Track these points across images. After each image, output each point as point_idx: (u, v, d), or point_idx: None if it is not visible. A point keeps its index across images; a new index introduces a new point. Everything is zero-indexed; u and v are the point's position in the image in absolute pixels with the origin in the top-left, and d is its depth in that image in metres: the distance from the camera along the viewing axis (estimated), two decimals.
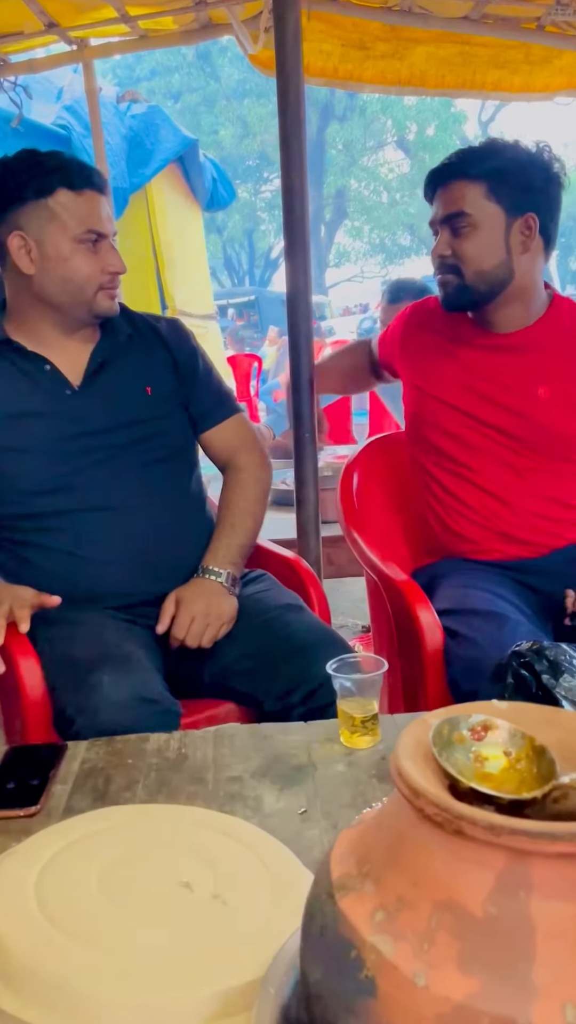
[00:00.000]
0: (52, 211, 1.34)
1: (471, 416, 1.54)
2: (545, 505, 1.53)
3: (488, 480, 1.54)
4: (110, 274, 1.38)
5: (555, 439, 1.52)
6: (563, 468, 1.53)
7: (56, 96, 4.16)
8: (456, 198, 1.45)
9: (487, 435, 1.54)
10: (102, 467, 1.40)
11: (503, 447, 1.53)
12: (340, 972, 0.46)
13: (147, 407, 1.47)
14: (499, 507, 1.54)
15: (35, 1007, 0.58)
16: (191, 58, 18.09)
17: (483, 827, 0.43)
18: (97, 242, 1.37)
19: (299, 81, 1.54)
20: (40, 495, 1.38)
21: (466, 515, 1.56)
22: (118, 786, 0.98)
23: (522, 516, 1.53)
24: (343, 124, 18.85)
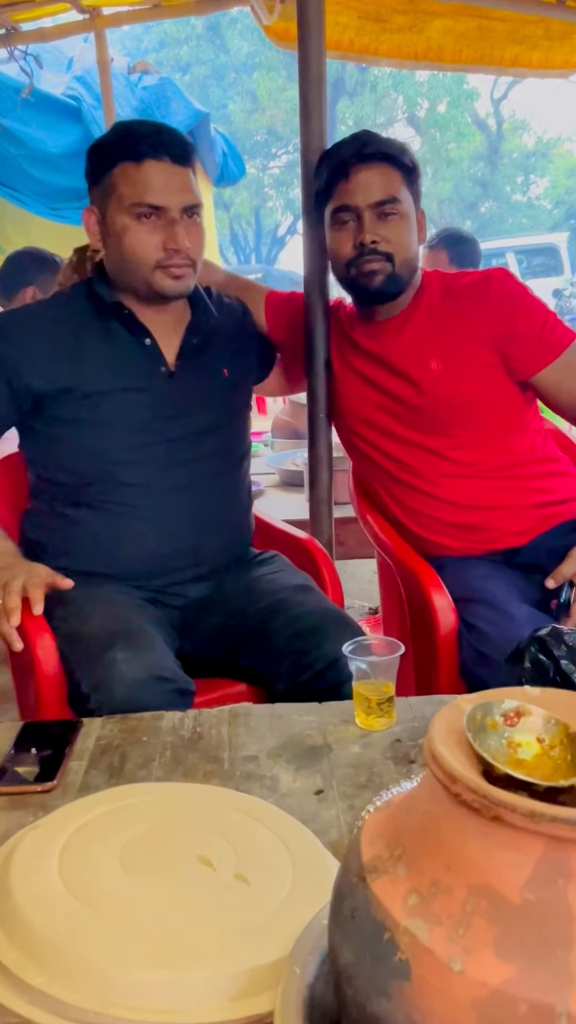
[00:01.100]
0: (112, 184, 1.33)
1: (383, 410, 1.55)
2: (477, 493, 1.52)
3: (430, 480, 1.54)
4: (169, 251, 1.33)
5: (458, 407, 1.50)
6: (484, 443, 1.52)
7: (67, 66, 4.10)
8: (386, 182, 1.43)
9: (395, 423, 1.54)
10: (172, 450, 1.42)
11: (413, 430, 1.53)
12: (373, 955, 0.46)
13: (222, 392, 1.49)
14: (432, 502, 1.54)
15: (60, 982, 0.58)
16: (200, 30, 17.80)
17: (523, 814, 0.42)
18: (154, 216, 1.32)
19: (321, 54, 1.51)
20: (110, 469, 1.39)
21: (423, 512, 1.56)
22: (134, 763, 0.98)
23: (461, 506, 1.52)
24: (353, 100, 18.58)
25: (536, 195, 20.83)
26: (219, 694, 1.37)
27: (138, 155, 1.30)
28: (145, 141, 1.30)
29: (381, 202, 1.42)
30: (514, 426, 1.54)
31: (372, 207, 1.43)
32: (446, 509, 1.53)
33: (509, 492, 1.52)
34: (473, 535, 1.52)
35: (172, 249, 1.33)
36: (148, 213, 1.32)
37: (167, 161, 1.31)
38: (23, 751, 0.99)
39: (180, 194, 1.32)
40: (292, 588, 1.42)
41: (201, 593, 1.46)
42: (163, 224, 1.32)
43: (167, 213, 1.32)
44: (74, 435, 1.38)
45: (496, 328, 1.48)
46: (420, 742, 1.00)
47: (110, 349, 1.40)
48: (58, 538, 1.42)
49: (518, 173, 20.71)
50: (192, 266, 1.36)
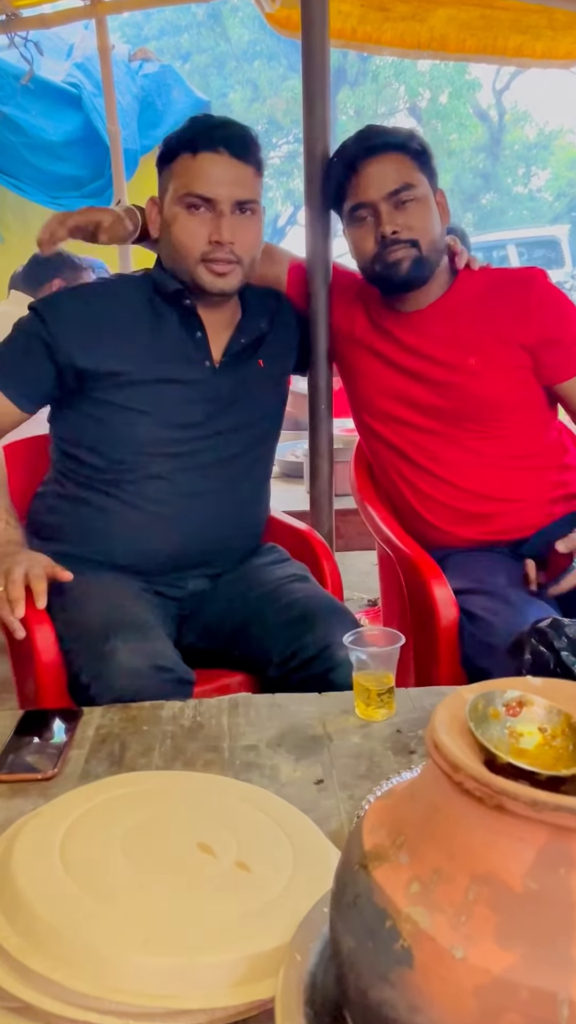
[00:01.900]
0: (171, 174, 1.34)
1: (405, 399, 1.54)
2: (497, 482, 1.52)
3: (448, 466, 1.53)
4: (213, 243, 1.32)
5: (489, 405, 1.50)
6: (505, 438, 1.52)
7: (67, 53, 4.07)
8: (397, 171, 1.41)
9: (423, 415, 1.53)
10: (205, 448, 1.43)
11: (439, 422, 1.52)
12: (375, 942, 0.46)
13: (261, 392, 1.50)
14: (451, 489, 1.53)
15: (63, 967, 0.58)
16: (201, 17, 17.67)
17: (525, 803, 0.42)
18: (205, 207, 1.32)
19: (325, 42, 1.50)
20: (140, 459, 1.39)
21: (425, 502, 1.56)
22: (134, 752, 0.99)
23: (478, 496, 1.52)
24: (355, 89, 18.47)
25: (537, 187, 20.75)
26: (218, 684, 1.37)
27: (196, 146, 1.31)
28: (206, 133, 1.31)
29: (395, 191, 1.40)
30: (537, 422, 1.54)
31: (387, 198, 1.41)
32: (464, 497, 1.52)
33: (527, 484, 1.52)
34: (487, 525, 1.52)
35: (216, 242, 1.32)
36: (198, 204, 1.32)
37: (225, 154, 1.31)
38: (24, 740, 0.99)
39: (232, 187, 1.31)
40: (286, 578, 1.43)
41: (201, 586, 1.46)
42: (212, 217, 1.32)
43: (217, 205, 1.31)
44: (113, 418, 1.38)
45: (535, 332, 1.48)
46: (420, 733, 1.00)
47: (161, 338, 1.40)
48: (70, 522, 1.42)
49: (519, 165, 20.63)
50: (238, 263, 1.35)
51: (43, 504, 1.48)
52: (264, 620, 1.35)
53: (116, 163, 3.35)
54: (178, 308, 1.40)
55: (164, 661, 1.20)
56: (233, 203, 1.32)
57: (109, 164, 3.43)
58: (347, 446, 1.90)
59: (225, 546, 1.47)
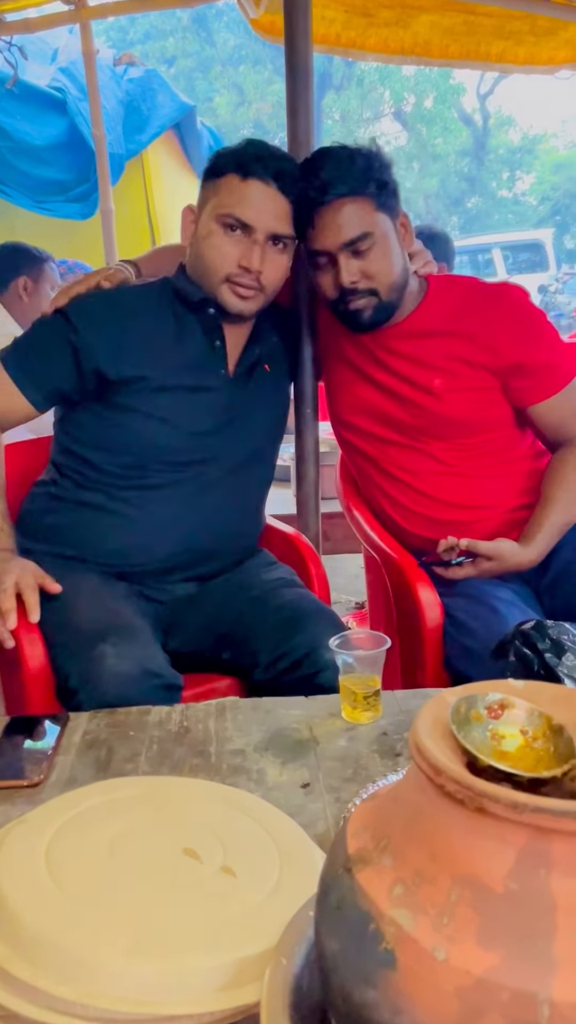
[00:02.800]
0: (215, 189, 1.35)
1: (375, 413, 1.54)
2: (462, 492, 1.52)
3: (417, 475, 1.54)
4: (241, 268, 1.34)
5: (454, 424, 1.50)
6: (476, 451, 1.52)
7: (51, 58, 4.07)
8: (353, 218, 1.35)
9: (392, 429, 1.53)
10: (217, 457, 1.44)
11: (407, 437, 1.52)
12: (358, 945, 0.47)
13: (271, 402, 1.52)
14: (418, 497, 1.54)
15: (47, 975, 0.58)
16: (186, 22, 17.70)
17: (506, 805, 0.43)
18: (241, 231, 1.33)
19: (308, 48, 1.50)
20: (154, 464, 1.40)
21: (398, 510, 1.57)
22: (121, 758, 0.98)
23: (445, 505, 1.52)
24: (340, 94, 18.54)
25: (522, 191, 20.90)
26: (205, 688, 1.37)
27: (248, 171, 1.32)
28: (261, 162, 1.32)
29: (352, 241, 1.36)
30: (506, 436, 1.54)
31: (343, 247, 1.37)
32: (434, 506, 1.53)
33: (495, 493, 1.52)
34: (458, 533, 1.51)
35: (244, 267, 1.34)
36: (235, 226, 1.33)
37: (273, 186, 1.33)
38: (10, 746, 0.99)
39: (273, 219, 1.33)
40: (273, 582, 1.43)
41: (189, 590, 1.46)
42: (246, 242, 1.34)
43: (253, 233, 1.33)
44: (131, 423, 1.39)
45: (503, 358, 1.46)
46: (406, 735, 1.01)
47: (183, 346, 1.41)
48: (67, 523, 1.42)
49: (504, 169, 20.76)
50: (261, 291, 1.37)
51: (37, 503, 1.48)
52: (252, 624, 1.35)
53: (101, 167, 3.35)
54: (201, 317, 1.41)
55: (153, 666, 1.19)
56: (269, 234, 1.34)
57: (94, 168, 3.43)
58: (333, 449, 1.90)
59: (220, 553, 1.47)
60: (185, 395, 1.41)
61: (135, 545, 1.41)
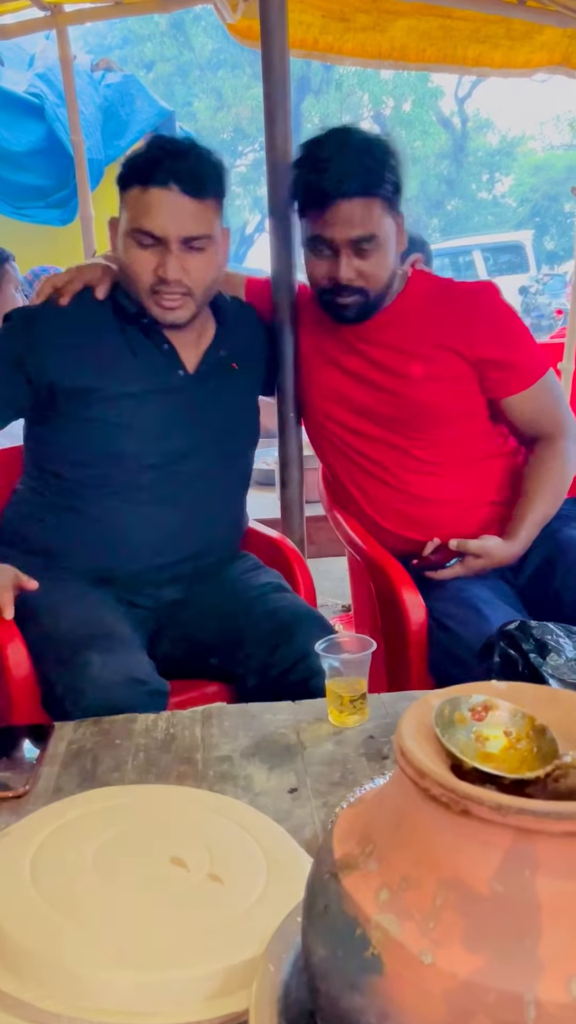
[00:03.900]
0: (124, 202, 1.33)
1: (352, 404, 1.54)
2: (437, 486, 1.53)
3: (390, 471, 1.54)
4: (159, 278, 1.32)
5: (431, 414, 1.51)
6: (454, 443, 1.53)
7: (28, 63, 4.06)
8: (365, 218, 1.35)
9: (369, 420, 1.54)
10: (185, 457, 1.43)
11: (383, 429, 1.53)
12: (345, 950, 0.47)
13: (240, 401, 1.51)
14: (391, 492, 1.55)
15: (34, 988, 0.58)
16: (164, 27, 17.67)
17: (490, 807, 0.43)
18: (154, 242, 1.30)
19: (284, 53, 1.51)
20: (124, 471, 1.39)
21: (373, 505, 1.57)
22: (107, 767, 0.98)
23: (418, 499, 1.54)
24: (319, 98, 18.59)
25: (501, 193, 21.04)
26: (193, 694, 1.37)
27: (147, 179, 1.28)
28: (159, 165, 1.28)
29: (359, 239, 1.37)
30: (479, 429, 1.55)
31: (349, 243, 1.37)
32: (408, 502, 1.54)
33: (469, 487, 1.53)
34: (433, 529, 1.52)
35: (162, 278, 1.32)
36: (146, 240, 1.31)
37: (175, 190, 1.28)
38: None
39: (180, 225, 1.29)
40: (263, 587, 1.43)
41: (174, 595, 1.45)
42: (161, 252, 1.31)
43: (165, 242, 1.30)
44: (92, 434, 1.39)
45: (479, 349, 1.48)
46: (393, 738, 1.01)
47: (131, 352, 1.40)
48: (46, 532, 1.42)
49: (483, 171, 20.89)
50: (190, 295, 1.35)
51: (16, 513, 1.48)
52: (241, 630, 1.35)
53: (80, 173, 3.34)
54: (141, 327, 1.41)
55: (138, 673, 1.19)
56: (181, 240, 1.30)
57: (73, 174, 3.41)
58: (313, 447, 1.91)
59: (200, 553, 1.47)
60: (143, 399, 1.40)
61: (113, 551, 1.40)
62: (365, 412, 1.54)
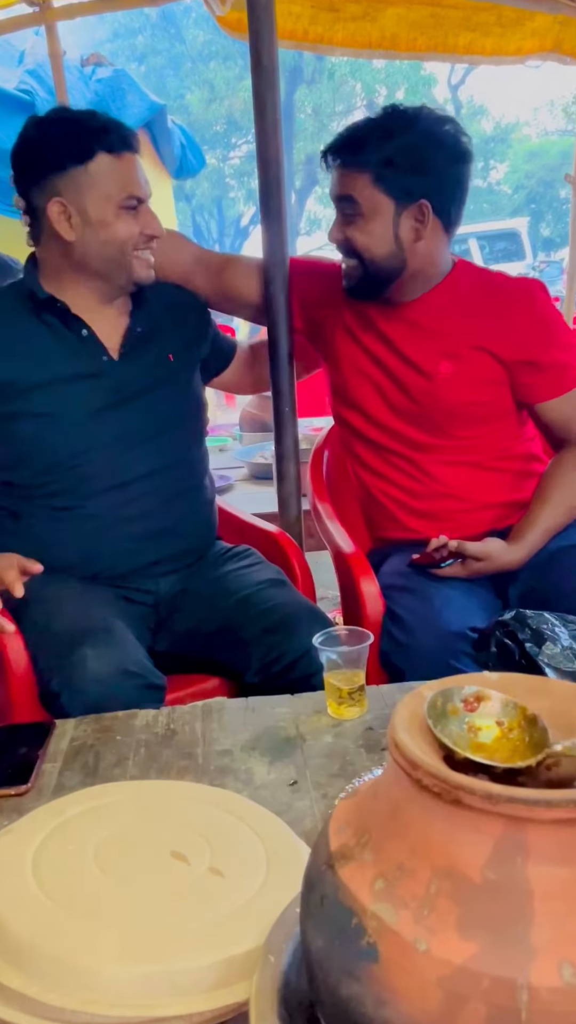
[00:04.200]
0: (93, 177, 1.31)
1: (378, 390, 1.52)
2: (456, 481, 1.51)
3: (397, 458, 1.53)
4: (147, 236, 1.36)
5: (456, 411, 1.49)
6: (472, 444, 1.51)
7: (18, 60, 4.04)
8: (346, 182, 1.38)
9: (392, 409, 1.52)
10: (123, 439, 1.40)
11: (406, 419, 1.51)
12: (342, 940, 0.47)
13: (172, 379, 1.48)
14: (411, 482, 1.53)
15: (37, 982, 0.59)
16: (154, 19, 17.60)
17: (481, 796, 0.44)
18: (137, 207, 1.35)
19: (272, 45, 1.50)
20: (65, 463, 1.37)
21: (387, 492, 1.56)
22: (108, 763, 0.99)
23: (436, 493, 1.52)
24: (312, 88, 18.51)
25: (496, 180, 20.96)
26: (193, 689, 1.37)
27: (114, 147, 1.31)
28: (116, 133, 1.32)
29: (340, 198, 1.39)
30: (504, 431, 1.53)
31: (337, 203, 1.41)
32: (421, 492, 1.52)
33: (483, 487, 1.51)
34: (440, 522, 1.51)
35: (149, 234, 1.36)
36: (132, 203, 1.33)
37: (134, 152, 1.35)
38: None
39: (148, 184, 1.37)
40: (263, 582, 1.43)
41: (172, 588, 1.46)
42: (142, 212, 1.35)
43: (144, 203, 1.36)
44: (21, 430, 1.36)
45: (516, 351, 1.45)
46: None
47: (48, 342, 1.38)
48: (20, 538, 1.39)
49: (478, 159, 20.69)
50: None
51: None
52: (242, 626, 1.35)
53: None
54: (56, 312, 1.38)
55: (133, 666, 1.20)
56: (148, 197, 1.37)
57: None
58: (312, 446, 1.91)
59: (172, 535, 1.45)
60: (65, 387, 1.37)
61: (87, 546, 1.39)
62: (387, 401, 1.52)
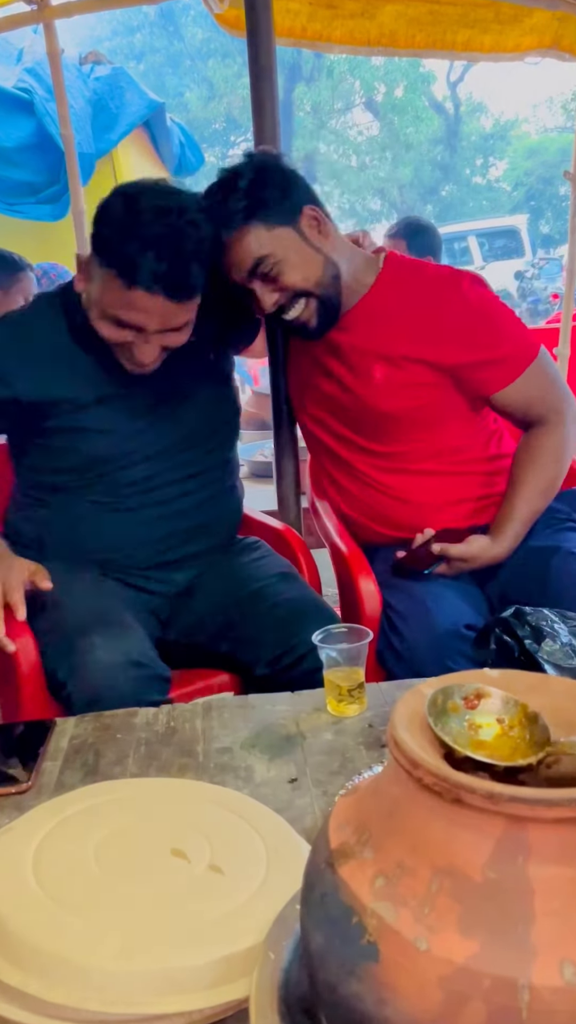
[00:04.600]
0: (102, 275, 1.24)
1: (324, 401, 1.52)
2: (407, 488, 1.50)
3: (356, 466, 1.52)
4: (137, 363, 1.30)
5: (394, 418, 1.46)
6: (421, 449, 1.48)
7: (16, 58, 4.03)
8: (248, 248, 1.33)
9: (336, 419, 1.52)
10: (170, 443, 1.42)
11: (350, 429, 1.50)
12: (342, 938, 0.47)
13: (208, 379, 1.48)
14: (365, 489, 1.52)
15: (38, 980, 0.59)
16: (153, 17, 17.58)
17: (482, 795, 0.43)
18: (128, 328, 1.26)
19: (271, 44, 1.50)
20: (109, 470, 1.39)
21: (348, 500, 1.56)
22: (108, 761, 0.99)
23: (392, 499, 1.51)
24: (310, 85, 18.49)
25: (496, 177, 20.94)
26: (202, 684, 1.38)
27: (133, 277, 1.20)
28: (146, 267, 1.19)
29: (255, 267, 1.34)
30: (457, 430, 1.49)
31: (250, 278, 1.35)
32: (381, 500, 1.51)
33: (443, 489, 1.49)
34: (405, 527, 1.49)
35: (139, 363, 1.30)
36: (123, 324, 1.26)
37: (160, 296, 1.22)
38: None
39: (161, 321, 1.25)
40: (274, 576, 1.44)
41: (186, 580, 1.47)
42: (137, 336, 1.27)
43: (143, 332, 1.26)
44: (68, 443, 1.39)
45: (456, 356, 1.41)
46: None
47: (92, 358, 1.37)
48: (44, 529, 1.43)
49: (477, 156, 20.79)
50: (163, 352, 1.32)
51: (16, 511, 1.49)
52: (251, 620, 1.36)
53: (71, 168, 3.32)
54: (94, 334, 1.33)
55: (139, 657, 1.21)
56: (160, 330, 1.27)
57: (64, 169, 3.40)
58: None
59: (201, 538, 1.48)
60: (112, 403, 1.38)
61: (115, 539, 1.41)
62: (333, 409, 1.52)
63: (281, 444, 1.72)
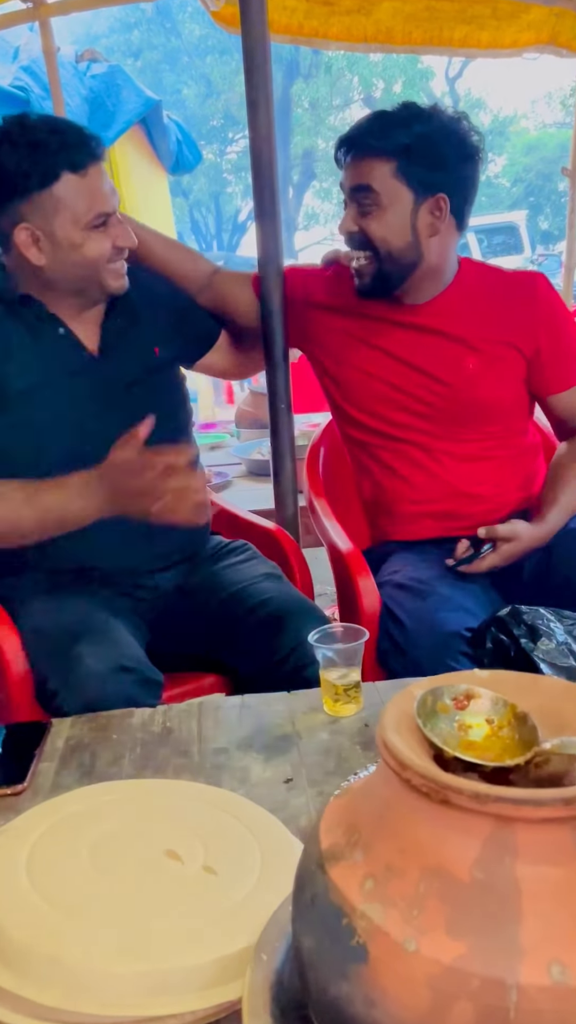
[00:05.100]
0: (58, 200, 1.24)
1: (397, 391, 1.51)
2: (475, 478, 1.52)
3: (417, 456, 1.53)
4: (119, 249, 1.31)
5: (482, 409, 1.50)
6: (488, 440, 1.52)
7: (12, 56, 4.03)
8: (364, 172, 1.37)
9: (412, 410, 1.51)
10: (112, 437, 1.33)
11: (427, 420, 1.51)
12: (332, 940, 0.47)
13: (157, 372, 1.45)
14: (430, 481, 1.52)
15: (32, 984, 0.59)
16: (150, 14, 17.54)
17: (469, 796, 0.44)
18: (102, 224, 1.29)
19: (266, 42, 1.49)
20: (54, 467, 1.32)
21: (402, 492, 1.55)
22: (104, 762, 0.99)
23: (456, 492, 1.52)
24: (308, 82, 18.47)
25: (494, 173, 20.88)
26: (191, 687, 1.38)
27: (77, 163, 1.23)
28: (78, 147, 1.23)
29: (357, 189, 1.38)
30: (517, 428, 1.55)
31: (351, 195, 1.40)
32: (445, 491, 1.52)
33: (496, 481, 1.52)
34: (452, 521, 1.51)
35: (120, 247, 1.31)
36: (99, 221, 1.28)
37: (99, 159, 1.26)
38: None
39: (114, 194, 1.30)
40: (258, 576, 1.43)
41: (170, 584, 1.46)
42: (112, 224, 1.30)
43: (112, 216, 1.30)
44: (13, 437, 1.33)
45: (535, 342, 1.48)
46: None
47: (25, 344, 1.34)
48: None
49: None
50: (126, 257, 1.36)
51: None
52: (235, 620, 1.36)
53: None
54: (31, 312, 1.34)
55: (128, 662, 1.20)
56: (115, 208, 1.31)
57: None
58: (310, 442, 1.91)
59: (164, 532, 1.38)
60: (46, 388, 1.33)
61: (80, 546, 1.35)
62: (413, 400, 1.51)
63: (279, 444, 1.72)
